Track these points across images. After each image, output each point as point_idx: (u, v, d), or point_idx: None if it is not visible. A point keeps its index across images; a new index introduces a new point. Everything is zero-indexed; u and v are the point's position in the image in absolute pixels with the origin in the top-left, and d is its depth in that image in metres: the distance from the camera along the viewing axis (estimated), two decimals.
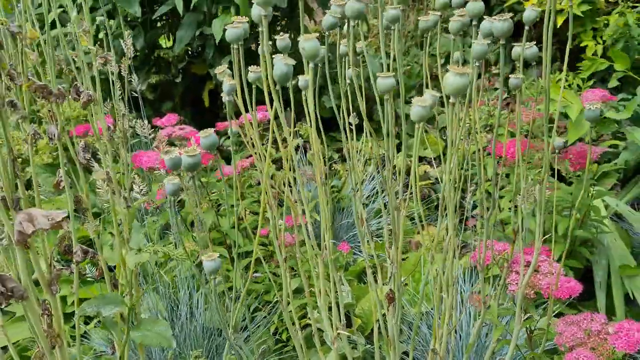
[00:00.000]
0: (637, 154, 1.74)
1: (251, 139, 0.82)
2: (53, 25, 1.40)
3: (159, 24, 2.04)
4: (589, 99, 1.49)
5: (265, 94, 0.61)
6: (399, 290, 0.72)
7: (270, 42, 0.65)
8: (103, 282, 1.09)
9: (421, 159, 2.26)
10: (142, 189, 1.08)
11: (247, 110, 0.81)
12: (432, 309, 1.14)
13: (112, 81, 1.10)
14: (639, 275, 1.48)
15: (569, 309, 1.49)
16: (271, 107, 0.64)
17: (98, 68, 0.80)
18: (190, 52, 2.06)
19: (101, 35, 2.03)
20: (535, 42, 0.87)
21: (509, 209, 1.52)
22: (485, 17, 0.74)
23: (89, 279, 1.15)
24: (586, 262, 1.54)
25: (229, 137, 1.73)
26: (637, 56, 2.05)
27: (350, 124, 0.94)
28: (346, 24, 0.73)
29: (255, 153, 0.83)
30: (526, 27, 0.77)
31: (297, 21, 2.13)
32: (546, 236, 0.81)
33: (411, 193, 2.24)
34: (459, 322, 1.06)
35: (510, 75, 0.89)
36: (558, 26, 2.39)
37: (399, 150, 2.25)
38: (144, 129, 1.55)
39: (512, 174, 1.55)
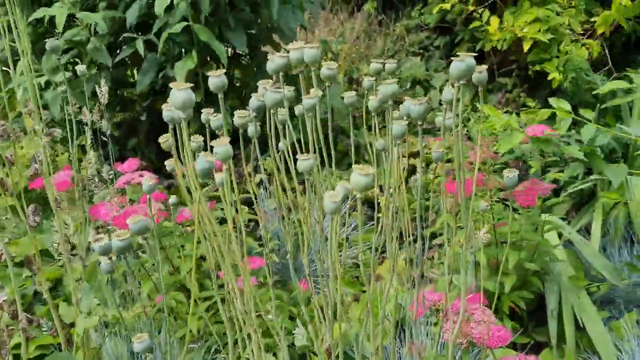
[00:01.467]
0: (577, 168, 1.78)
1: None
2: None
3: (122, 64, 2.07)
4: (532, 133, 1.55)
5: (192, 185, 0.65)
6: (337, 347, 0.76)
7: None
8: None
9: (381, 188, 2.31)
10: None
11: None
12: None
13: (83, 129, 1.13)
14: (588, 303, 1.54)
15: (522, 338, 1.55)
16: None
17: (45, 142, 0.83)
18: (154, 90, 2.10)
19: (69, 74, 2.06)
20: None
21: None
22: (407, 98, 0.79)
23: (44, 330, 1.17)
24: (540, 289, 1.60)
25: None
26: (585, 86, 2.13)
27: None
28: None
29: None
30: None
31: (260, 55, 2.18)
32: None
33: (373, 224, 2.28)
34: None
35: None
36: (524, 50, 2.48)
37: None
38: (110, 174, 1.58)
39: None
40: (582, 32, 2.54)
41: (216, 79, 0.73)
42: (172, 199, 1.03)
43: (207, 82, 2.10)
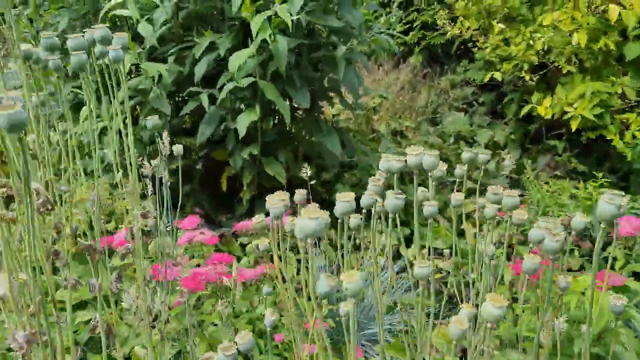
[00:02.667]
0: None
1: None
2: None
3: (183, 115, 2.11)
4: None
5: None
6: None
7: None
8: None
9: (432, 250, 2.28)
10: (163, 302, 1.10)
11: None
12: None
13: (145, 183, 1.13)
14: None
15: None
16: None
17: (141, 226, 0.84)
18: (211, 139, 2.12)
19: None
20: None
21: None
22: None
23: None
24: None
25: (247, 235, 1.76)
26: None
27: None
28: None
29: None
30: None
31: (316, 110, 2.20)
32: None
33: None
34: None
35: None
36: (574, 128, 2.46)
37: (410, 240, 2.28)
38: (167, 227, 1.59)
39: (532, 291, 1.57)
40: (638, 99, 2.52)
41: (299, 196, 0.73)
42: (265, 289, 1.02)
43: (264, 135, 2.11)
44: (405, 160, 0.78)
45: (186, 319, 1.25)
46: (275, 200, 0.83)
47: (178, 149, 1.17)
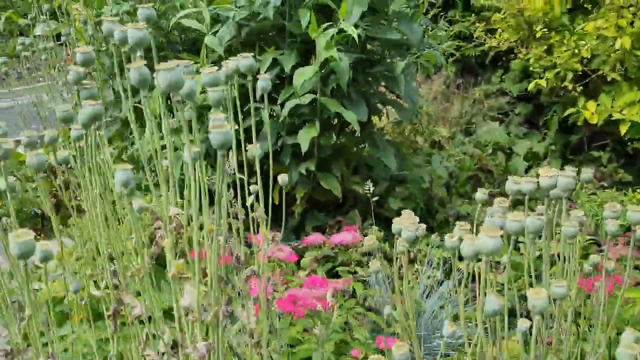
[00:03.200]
0: None
1: None
2: None
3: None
4: None
5: None
6: None
7: None
8: None
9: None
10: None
11: None
12: None
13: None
14: None
15: None
16: None
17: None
18: (266, 154, 2.14)
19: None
20: None
21: None
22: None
23: None
24: None
25: (317, 248, 1.78)
26: None
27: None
28: None
29: None
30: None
31: (370, 124, 2.22)
32: None
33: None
34: None
35: None
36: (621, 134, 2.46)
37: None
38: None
39: None
40: None
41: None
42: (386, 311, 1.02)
43: (321, 150, 2.12)
44: (538, 182, 0.80)
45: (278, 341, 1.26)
46: (407, 223, 0.84)
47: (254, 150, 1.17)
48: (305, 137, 1.86)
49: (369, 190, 1.81)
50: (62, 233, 2.01)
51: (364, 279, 1.91)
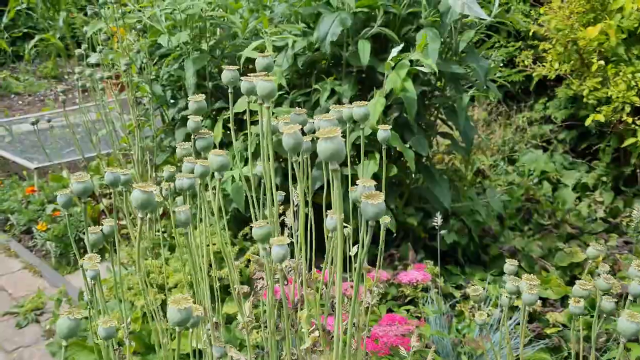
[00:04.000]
0: None
1: None
2: None
3: None
4: None
5: None
6: None
7: None
8: None
9: (543, 301, 2.17)
10: None
11: None
12: None
13: None
14: None
15: None
16: None
17: None
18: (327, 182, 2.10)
19: None
20: None
21: None
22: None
23: None
24: None
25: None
26: None
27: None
28: None
29: None
30: None
31: (425, 162, 2.17)
32: None
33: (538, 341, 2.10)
34: None
35: None
36: None
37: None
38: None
39: None
40: None
41: None
42: None
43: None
44: None
45: None
46: (528, 285, 0.78)
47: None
48: (367, 169, 1.81)
49: (436, 224, 1.75)
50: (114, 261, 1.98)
51: (419, 314, 1.85)
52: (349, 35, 1.89)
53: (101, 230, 0.76)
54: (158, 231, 2.28)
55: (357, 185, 0.66)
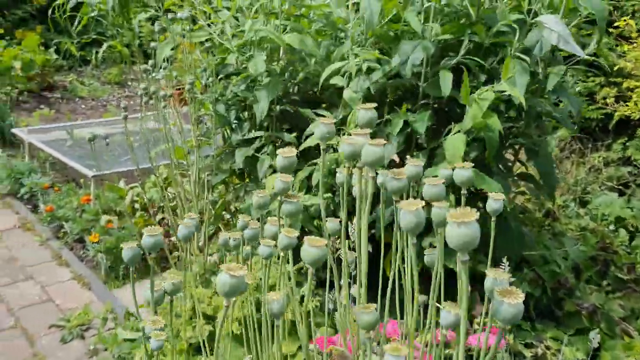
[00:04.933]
0: None
1: None
2: None
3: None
4: None
5: None
6: None
7: None
8: None
9: None
10: None
11: None
12: None
13: None
14: None
15: None
16: None
17: None
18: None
19: None
20: None
21: None
22: None
23: None
24: None
25: None
26: None
27: None
28: None
29: None
30: None
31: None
32: None
33: None
34: None
35: None
36: None
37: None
38: None
39: None
40: None
41: None
42: None
43: None
44: None
45: None
46: None
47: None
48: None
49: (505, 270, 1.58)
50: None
51: None
52: (427, 64, 1.77)
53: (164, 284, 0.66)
54: (211, 254, 2.20)
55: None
